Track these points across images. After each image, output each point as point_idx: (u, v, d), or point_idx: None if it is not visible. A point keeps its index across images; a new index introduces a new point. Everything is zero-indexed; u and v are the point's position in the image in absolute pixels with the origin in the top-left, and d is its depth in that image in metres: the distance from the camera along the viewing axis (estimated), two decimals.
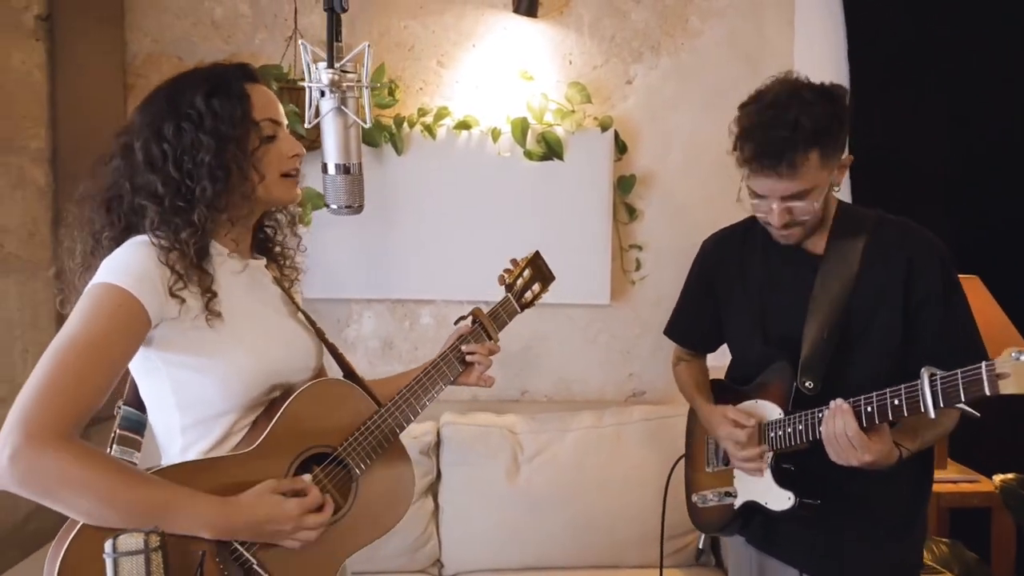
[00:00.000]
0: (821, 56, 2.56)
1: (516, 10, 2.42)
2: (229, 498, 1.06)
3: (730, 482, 1.59)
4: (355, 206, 1.16)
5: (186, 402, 1.12)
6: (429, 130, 2.42)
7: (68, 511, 0.97)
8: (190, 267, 1.10)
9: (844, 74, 2.54)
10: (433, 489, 2.33)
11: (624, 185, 2.53)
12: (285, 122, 1.20)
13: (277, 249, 1.34)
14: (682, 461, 1.78)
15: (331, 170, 1.12)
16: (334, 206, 1.15)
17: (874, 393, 1.27)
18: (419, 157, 2.44)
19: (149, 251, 1.08)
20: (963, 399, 1.13)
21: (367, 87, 1.09)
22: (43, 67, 2.28)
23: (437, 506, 2.32)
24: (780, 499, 1.43)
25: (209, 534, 1.04)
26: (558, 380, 2.62)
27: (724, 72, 2.58)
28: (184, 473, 1.07)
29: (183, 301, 1.09)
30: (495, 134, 2.42)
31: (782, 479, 1.45)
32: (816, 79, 2.55)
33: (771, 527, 1.54)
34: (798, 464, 1.45)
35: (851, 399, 1.30)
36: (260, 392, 1.17)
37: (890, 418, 1.25)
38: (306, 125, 1.12)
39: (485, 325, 1.43)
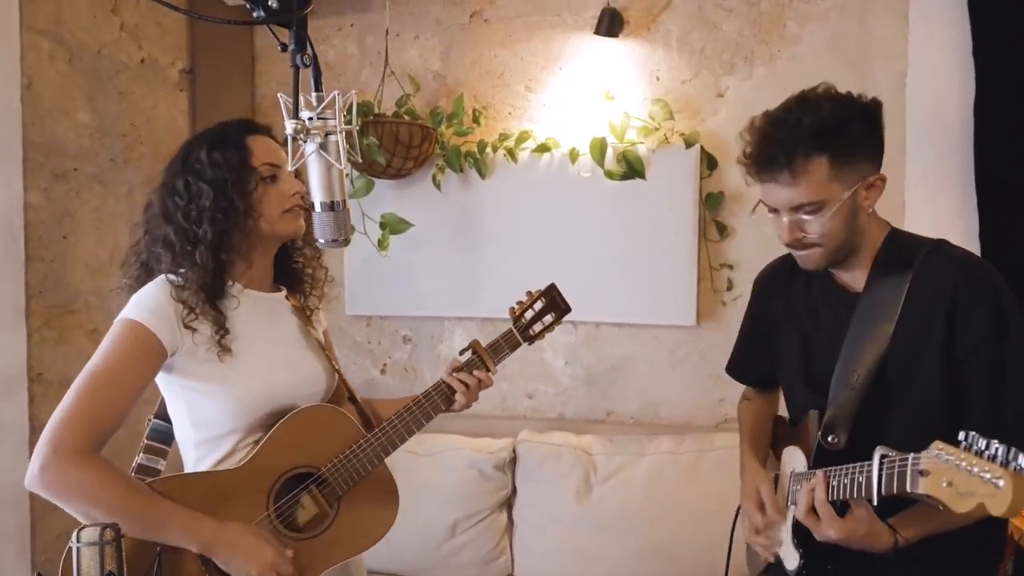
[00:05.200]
0: (942, 54, 2.30)
1: (597, 31, 2.42)
2: (220, 524, 1.21)
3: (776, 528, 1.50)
4: (340, 239, 1.25)
5: (199, 421, 1.29)
6: (511, 154, 2.49)
7: (81, 516, 1.17)
8: (202, 303, 1.26)
9: (969, 75, 2.26)
10: (508, 504, 2.39)
11: (711, 202, 2.43)
12: (287, 165, 1.34)
13: (305, 281, 1.48)
14: None
15: (318, 208, 1.23)
16: (322, 240, 1.25)
17: (848, 466, 1.14)
18: (503, 180, 2.53)
19: (165, 289, 1.26)
20: (908, 489, 0.97)
21: (340, 132, 1.19)
22: (185, 113, 2.67)
23: (511, 521, 2.37)
24: (790, 557, 1.33)
25: (195, 549, 1.20)
26: (644, 403, 2.57)
27: (825, 79, 2.37)
28: (180, 482, 1.24)
29: (195, 332, 1.25)
30: (573, 155, 2.44)
31: (798, 536, 1.33)
32: (935, 82, 2.32)
33: None
34: None
35: (827, 471, 1.18)
36: (263, 415, 1.31)
37: (841, 497, 1.12)
38: (290, 168, 1.24)
39: (483, 357, 1.47)
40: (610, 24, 2.41)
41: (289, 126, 1.15)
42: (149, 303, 1.24)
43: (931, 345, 1.24)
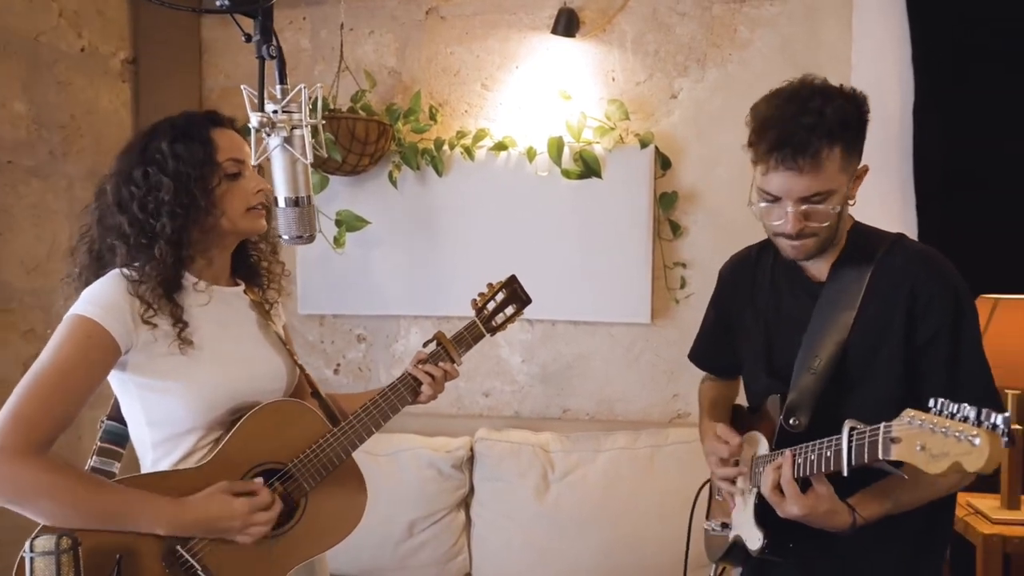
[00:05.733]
0: (883, 61, 2.39)
1: (553, 31, 2.44)
2: (181, 498, 1.17)
3: (730, 513, 1.53)
4: (305, 236, 1.22)
5: (155, 420, 1.24)
6: (468, 152, 2.49)
7: (36, 515, 1.11)
8: (160, 298, 1.22)
9: (909, 80, 2.36)
10: (466, 502, 2.38)
11: (666, 202, 2.47)
12: (251, 161, 1.30)
13: (262, 275, 1.45)
14: (707, 486, 1.71)
15: (281, 203, 1.20)
16: (286, 237, 1.22)
17: (815, 442, 1.17)
18: (459, 178, 2.52)
19: (120, 283, 1.21)
20: (880, 456, 1.01)
21: (306, 126, 1.16)
22: (128, 105, 2.57)
23: (469, 519, 2.37)
24: (753, 538, 1.36)
25: (163, 531, 1.15)
26: (600, 399, 2.59)
27: (775, 83, 2.44)
28: (139, 482, 1.19)
29: (153, 327, 1.21)
30: (531, 154, 2.44)
31: (761, 517, 1.37)
32: (878, 86, 2.40)
33: (765, 569, 1.46)
34: None
35: (794, 450, 1.21)
36: (225, 411, 1.27)
37: (811, 472, 1.16)
38: (253, 162, 1.21)
39: (448, 348, 1.46)
40: (567, 24, 2.43)
41: (254, 119, 1.12)
42: (103, 298, 1.19)
43: (891, 334, 1.29)
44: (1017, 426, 2.03)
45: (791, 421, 1.31)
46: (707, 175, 2.50)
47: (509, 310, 1.58)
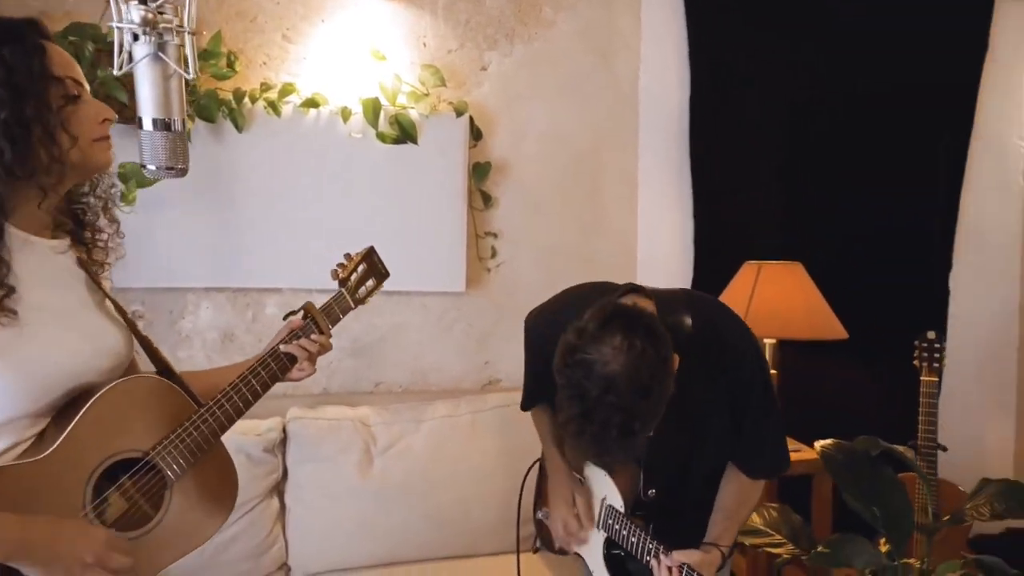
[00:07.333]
0: (666, 53, 2.66)
1: None
2: (29, 517, 0.93)
3: None
4: (177, 168, 1.04)
5: None
6: (273, 107, 2.27)
7: None
8: None
9: (686, 72, 2.66)
10: (279, 489, 2.19)
11: (479, 172, 2.50)
12: (87, 87, 1.07)
13: (87, 231, 1.19)
14: (536, 466, 1.75)
15: (147, 125, 1.00)
16: (152, 166, 1.02)
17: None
18: (263, 135, 2.29)
19: None
20: None
21: (189, 32, 0.98)
22: None
23: (283, 506, 2.19)
24: None
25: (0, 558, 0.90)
26: (414, 370, 2.55)
27: (577, 64, 2.62)
28: None
29: None
30: (345, 114, 2.31)
31: (611, 565, 1.50)
32: (662, 76, 2.67)
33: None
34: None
35: (680, 566, 1.34)
36: (58, 394, 1.03)
37: None
38: (115, 72, 0.98)
39: (317, 320, 1.34)
40: None
41: (136, 13, 0.92)
42: None
43: (719, 407, 1.42)
44: (774, 371, 2.41)
45: (649, 492, 1.45)
46: (516, 148, 2.58)
47: (370, 283, 1.49)
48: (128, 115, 2.05)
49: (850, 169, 2.75)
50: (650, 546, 1.39)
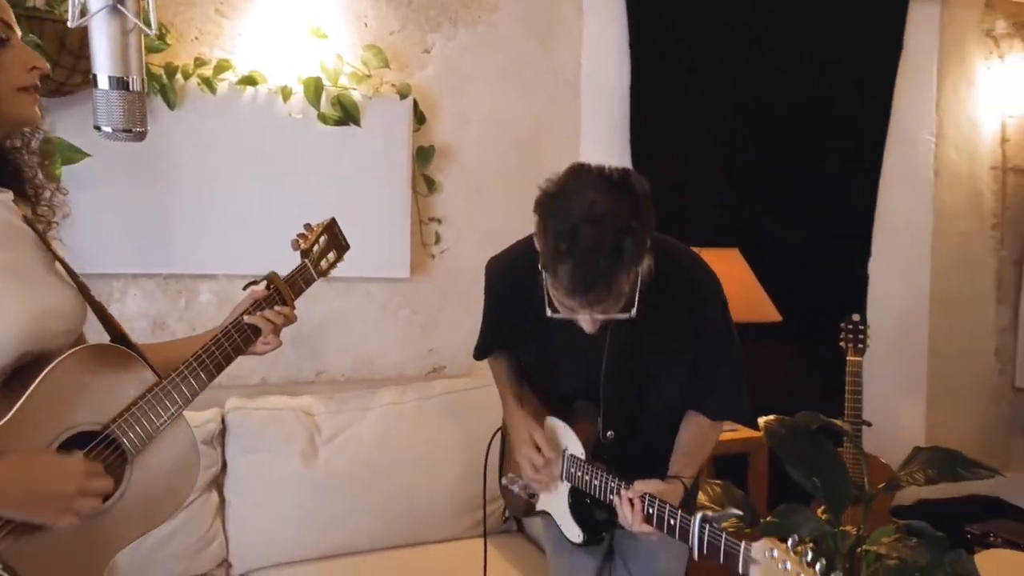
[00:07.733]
0: (607, 42, 2.70)
1: None
2: None
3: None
4: (135, 131, 0.97)
5: None
6: (208, 84, 2.17)
7: None
8: None
9: (627, 59, 2.70)
10: (218, 482, 2.10)
11: (423, 156, 2.47)
12: (19, 32, 0.99)
13: (27, 187, 1.10)
14: (499, 435, 1.74)
15: (103, 83, 0.93)
16: (108, 128, 0.95)
17: (666, 506, 1.26)
18: (196, 114, 2.18)
19: None
20: (720, 560, 1.14)
21: None
22: None
23: (223, 500, 2.10)
24: (571, 531, 1.49)
25: None
26: (357, 358, 2.49)
27: (519, 50, 2.62)
28: None
29: None
30: (285, 93, 2.23)
31: (578, 515, 1.49)
32: (603, 64, 2.70)
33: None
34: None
35: (641, 495, 1.29)
36: (8, 360, 0.95)
37: (663, 531, 1.27)
38: (70, 24, 0.91)
39: (281, 291, 1.29)
40: None
41: None
42: None
43: (681, 344, 1.43)
44: None
45: (608, 434, 1.44)
46: (459, 132, 2.56)
47: (331, 256, 1.45)
48: (52, 87, 1.92)
49: (785, 164, 2.86)
50: (612, 484, 1.36)
